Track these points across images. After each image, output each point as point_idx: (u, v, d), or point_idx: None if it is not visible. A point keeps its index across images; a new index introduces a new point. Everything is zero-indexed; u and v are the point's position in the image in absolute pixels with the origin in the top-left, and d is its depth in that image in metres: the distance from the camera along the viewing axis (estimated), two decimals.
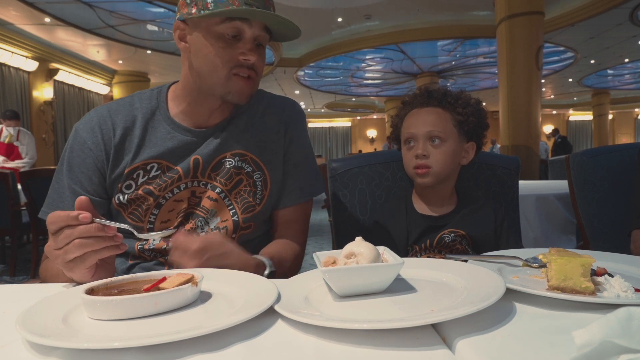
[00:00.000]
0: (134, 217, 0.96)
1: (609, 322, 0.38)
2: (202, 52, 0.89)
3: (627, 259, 0.77)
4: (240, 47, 0.88)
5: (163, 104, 0.99)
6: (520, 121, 6.12)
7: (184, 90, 0.98)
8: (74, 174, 0.95)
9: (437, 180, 1.10)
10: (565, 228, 2.36)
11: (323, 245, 4.90)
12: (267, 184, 1.03)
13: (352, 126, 21.12)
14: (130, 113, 0.98)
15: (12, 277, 3.68)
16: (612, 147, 1.67)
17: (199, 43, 0.89)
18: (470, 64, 12.12)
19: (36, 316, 0.55)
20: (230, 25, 0.86)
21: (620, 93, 16.61)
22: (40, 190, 3.39)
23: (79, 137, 0.96)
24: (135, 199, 0.95)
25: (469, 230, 1.09)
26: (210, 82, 0.91)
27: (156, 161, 0.95)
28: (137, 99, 1.01)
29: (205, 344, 0.49)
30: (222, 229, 0.99)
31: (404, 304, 0.59)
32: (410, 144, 1.13)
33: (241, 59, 0.88)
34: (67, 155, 0.97)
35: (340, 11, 8.26)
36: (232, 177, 0.99)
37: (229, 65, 0.88)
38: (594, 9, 7.81)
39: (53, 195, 0.97)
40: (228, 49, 0.88)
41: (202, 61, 0.90)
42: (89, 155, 0.95)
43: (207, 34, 0.88)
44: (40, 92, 9.08)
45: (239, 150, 1.00)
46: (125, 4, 7.33)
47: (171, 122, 0.98)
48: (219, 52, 0.87)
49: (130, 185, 0.95)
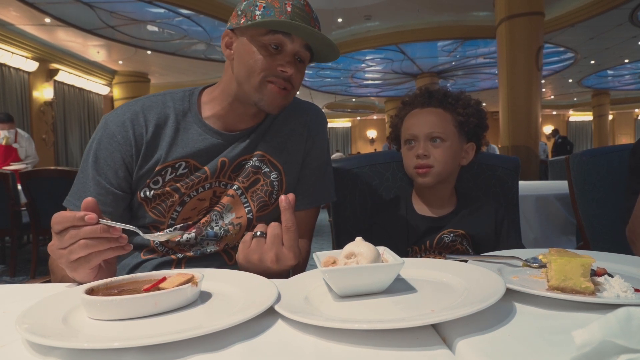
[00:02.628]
0: (157, 211, 0.98)
1: (608, 322, 0.38)
2: (244, 58, 0.93)
3: (627, 259, 0.77)
4: (280, 59, 0.92)
5: (195, 106, 1.01)
6: (520, 122, 6.12)
7: (222, 95, 1.00)
8: (100, 167, 0.95)
9: (438, 180, 1.10)
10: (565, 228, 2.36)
11: (323, 245, 4.90)
12: (283, 185, 1.05)
13: (352, 127, 21.12)
14: (163, 111, 0.99)
15: (12, 277, 3.68)
16: (612, 147, 1.67)
17: (243, 50, 0.93)
18: (470, 65, 12.12)
19: (36, 316, 0.55)
20: (274, 37, 0.90)
21: (620, 94, 16.61)
22: (40, 191, 3.39)
23: (108, 130, 0.96)
24: (160, 195, 0.97)
25: (469, 229, 1.09)
26: (247, 87, 0.94)
27: (185, 160, 0.98)
28: (170, 98, 1.02)
29: (205, 344, 0.49)
30: (237, 225, 1.02)
31: (404, 304, 0.59)
32: (411, 144, 1.13)
33: (279, 70, 0.92)
34: (95, 146, 0.97)
35: (340, 11, 8.26)
36: (250, 175, 1.02)
37: (265, 72, 0.92)
38: (594, 9, 7.80)
39: (78, 185, 0.97)
40: (268, 59, 0.91)
41: (242, 67, 0.93)
42: (117, 149, 0.95)
43: (251, 43, 0.92)
44: (41, 93, 9.08)
45: (259, 151, 1.03)
46: (125, 5, 7.32)
47: (202, 125, 1.00)
48: (259, 60, 0.91)
49: (157, 181, 0.97)
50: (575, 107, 19.39)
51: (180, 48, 9.74)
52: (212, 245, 1.01)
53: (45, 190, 3.36)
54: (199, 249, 1.00)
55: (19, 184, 3.52)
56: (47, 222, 3.50)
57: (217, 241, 1.01)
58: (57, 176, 3.36)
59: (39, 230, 3.54)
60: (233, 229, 1.01)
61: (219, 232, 1.00)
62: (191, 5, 7.24)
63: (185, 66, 10.88)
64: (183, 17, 7.97)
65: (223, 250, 1.02)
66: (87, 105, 10.68)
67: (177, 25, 8.41)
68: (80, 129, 10.34)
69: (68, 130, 9.90)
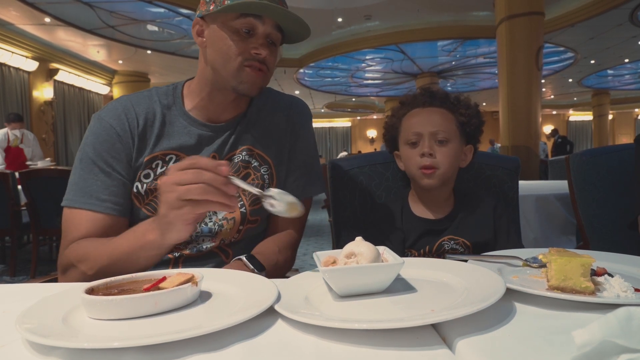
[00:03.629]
0: (151, 207, 0.98)
1: (608, 322, 0.38)
2: (217, 45, 0.94)
3: (627, 259, 0.77)
4: (252, 42, 0.93)
5: (179, 100, 1.03)
6: (520, 121, 6.11)
7: (199, 85, 1.02)
8: (103, 158, 0.94)
9: (442, 182, 1.09)
10: (565, 228, 2.36)
11: (323, 245, 4.90)
12: (273, 178, 1.07)
13: (352, 126, 21.11)
14: (150, 105, 1.01)
15: (12, 277, 3.68)
16: (612, 147, 1.66)
17: (215, 37, 0.94)
18: (470, 65, 12.11)
19: (36, 316, 0.55)
20: (245, 20, 0.91)
21: (620, 93, 16.60)
22: (40, 191, 3.39)
23: (104, 123, 0.97)
24: (153, 190, 0.97)
25: (470, 237, 1.08)
26: (224, 73, 0.94)
27: (175, 153, 0.98)
28: (155, 92, 1.04)
29: (205, 343, 0.49)
30: (230, 220, 1.02)
31: (404, 304, 0.59)
32: (414, 143, 1.11)
33: (253, 52, 0.93)
34: (91, 141, 0.96)
35: (340, 11, 8.26)
36: (240, 170, 1.03)
37: (241, 57, 0.93)
38: (594, 9, 7.80)
39: (80, 183, 0.94)
40: (241, 43, 0.92)
41: (217, 54, 0.94)
42: (118, 140, 0.96)
43: (223, 28, 0.93)
44: (41, 92, 9.08)
45: (247, 145, 1.04)
46: (125, 4, 7.32)
47: (187, 117, 1.01)
48: (232, 45, 0.92)
49: (148, 174, 0.97)
50: (575, 107, 19.39)
51: (180, 48, 9.73)
52: (207, 241, 1.01)
53: (45, 190, 3.36)
54: (195, 246, 1.00)
55: (19, 184, 3.53)
56: (47, 222, 3.50)
57: (212, 237, 1.01)
58: (57, 176, 3.37)
59: (39, 230, 3.54)
60: (227, 224, 1.02)
61: (213, 227, 1.01)
62: (191, 4, 7.23)
63: (185, 66, 10.87)
64: (183, 17, 7.96)
65: (219, 247, 1.02)
66: (87, 105, 10.67)
67: (177, 24, 8.40)
68: (80, 128, 10.34)
69: (68, 130, 9.90)
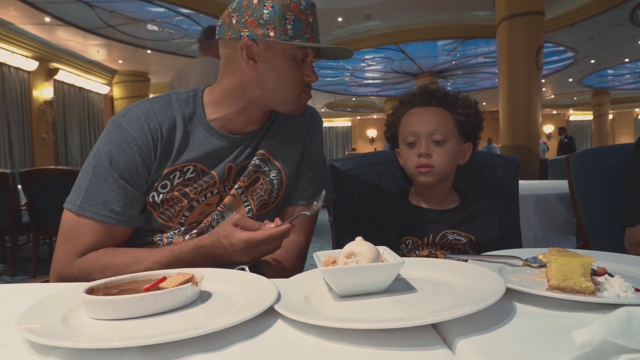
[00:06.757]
0: (165, 217, 0.98)
1: (609, 322, 0.38)
2: (278, 72, 0.96)
3: (627, 259, 0.77)
4: (305, 69, 0.99)
5: (200, 108, 1.01)
6: (520, 121, 6.11)
7: (229, 99, 1.00)
8: (120, 169, 0.93)
9: (439, 179, 1.10)
10: (565, 228, 2.36)
11: (323, 245, 4.90)
12: (283, 183, 1.07)
13: (352, 126, 21.10)
14: (171, 114, 0.99)
15: (12, 277, 3.68)
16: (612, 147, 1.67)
17: (276, 64, 0.95)
18: (470, 64, 12.11)
19: (36, 316, 0.55)
20: (304, 51, 0.97)
21: (620, 93, 16.59)
22: (40, 190, 3.39)
23: (126, 134, 0.95)
24: (169, 200, 0.97)
25: (478, 236, 1.09)
26: (284, 98, 0.98)
27: (193, 164, 0.98)
28: (175, 99, 1.01)
29: (205, 343, 0.49)
30: None
31: (404, 304, 0.59)
32: (411, 143, 1.12)
33: (307, 80, 0.99)
34: (110, 149, 0.94)
35: (340, 11, 8.25)
36: (250, 174, 1.03)
37: (301, 84, 0.99)
38: (594, 9, 7.80)
39: (92, 191, 0.93)
40: (299, 71, 0.98)
41: (278, 80, 0.97)
42: (138, 152, 0.94)
43: (284, 56, 0.95)
44: (41, 92, 9.07)
45: (260, 150, 1.05)
46: (125, 4, 7.32)
47: (208, 127, 1.00)
48: (294, 73, 0.97)
49: (165, 185, 0.97)
50: (575, 107, 19.37)
51: (180, 47, 9.72)
52: None
53: (45, 190, 3.36)
54: None
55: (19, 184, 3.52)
56: (47, 222, 3.50)
57: None
58: (57, 176, 3.36)
59: (39, 230, 3.53)
60: None
61: None
62: (191, 4, 7.23)
63: None
64: (183, 17, 7.96)
65: None
66: (87, 105, 10.66)
67: (177, 24, 8.40)
68: (80, 128, 10.33)
69: (68, 129, 9.89)
